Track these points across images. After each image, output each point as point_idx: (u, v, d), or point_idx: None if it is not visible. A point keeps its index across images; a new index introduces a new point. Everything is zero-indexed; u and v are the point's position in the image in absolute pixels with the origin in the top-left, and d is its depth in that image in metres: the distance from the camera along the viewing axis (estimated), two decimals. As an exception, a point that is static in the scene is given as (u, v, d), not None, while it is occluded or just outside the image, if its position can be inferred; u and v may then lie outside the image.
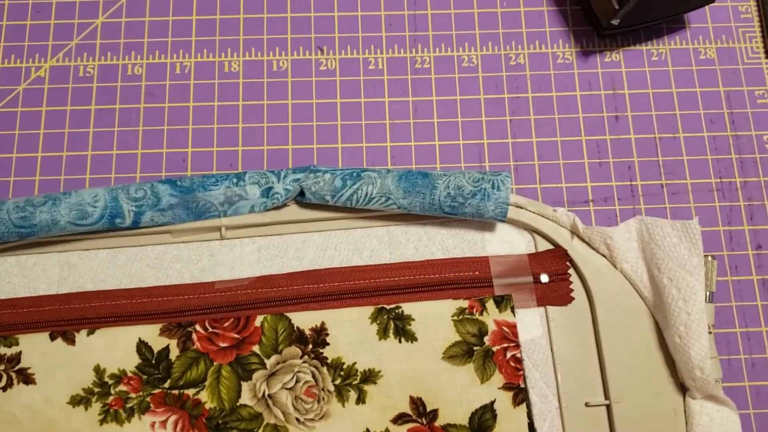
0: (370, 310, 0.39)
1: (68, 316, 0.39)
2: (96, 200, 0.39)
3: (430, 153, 0.42)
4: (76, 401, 0.38)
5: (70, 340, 0.38)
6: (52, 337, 0.38)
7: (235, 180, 0.40)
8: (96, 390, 0.38)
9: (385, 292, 0.40)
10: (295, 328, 0.39)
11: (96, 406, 0.38)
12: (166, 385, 0.38)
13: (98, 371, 0.38)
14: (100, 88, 0.43)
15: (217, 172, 0.42)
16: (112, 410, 0.38)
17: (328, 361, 0.38)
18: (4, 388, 0.38)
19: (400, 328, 0.39)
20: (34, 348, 0.38)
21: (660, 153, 0.43)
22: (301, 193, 0.40)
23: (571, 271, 0.40)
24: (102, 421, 0.37)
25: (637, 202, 0.42)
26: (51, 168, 0.42)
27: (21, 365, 0.38)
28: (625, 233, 0.39)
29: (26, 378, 0.38)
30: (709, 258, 0.39)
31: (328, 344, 0.39)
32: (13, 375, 0.38)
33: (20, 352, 0.38)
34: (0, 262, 0.40)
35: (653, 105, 0.43)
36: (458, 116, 0.43)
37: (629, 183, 0.42)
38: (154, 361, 0.38)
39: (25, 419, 0.37)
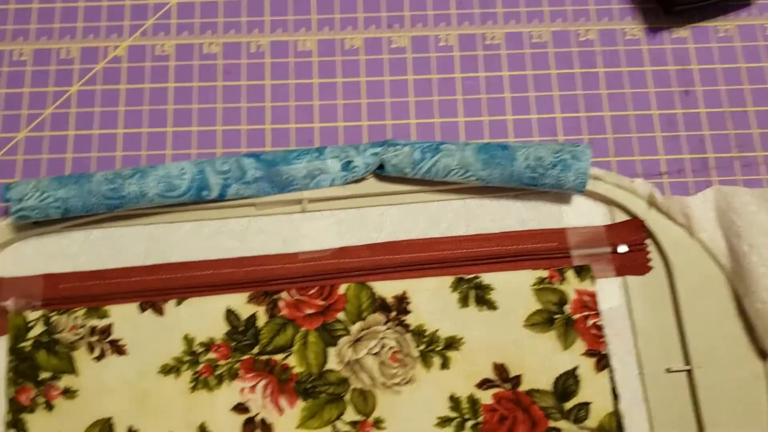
0: (450, 279, 0.40)
1: (155, 286, 0.40)
2: (183, 173, 0.39)
3: (502, 127, 0.43)
4: (166, 370, 0.38)
5: (159, 311, 0.39)
6: (142, 309, 0.39)
7: (316, 154, 0.40)
8: (186, 359, 0.39)
9: (464, 263, 0.40)
10: (378, 297, 0.40)
11: (186, 375, 0.38)
12: (255, 351, 0.39)
13: (188, 340, 0.39)
14: (178, 67, 0.44)
15: (298, 147, 0.42)
16: (202, 378, 0.38)
17: (411, 328, 0.39)
18: (98, 359, 0.39)
19: (481, 297, 0.40)
20: (125, 319, 0.39)
21: (731, 126, 0.43)
22: (380, 167, 0.41)
23: (648, 241, 0.40)
24: (193, 389, 0.38)
25: (710, 174, 0.42)
26: (132, 144, 0.43)
27: (113, 336, 0.39)
28: (702, 202, 0.40)
29: (118, 349, 0.39)
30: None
31: (410, 312, 0.39)
32: (106, 346, 0.39)
33: (111, 324, 0.39)
34: (87, 234, 0.41)
35: (722, 80, 0.44)
36: (530, 91, 0.44)
37: (701, 156, 0.43)
38: (242, 329, 0.39)
39: (119, 389, 0.38)
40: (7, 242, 0.40)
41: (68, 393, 0.38)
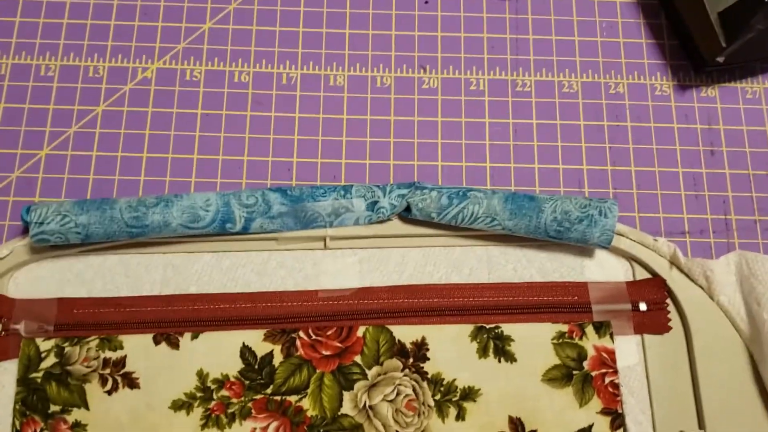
0: (469, 328, 0.40)
1: (171, 317, 0.39)
2: (208, 204, 0.39)
3: (529, 176, 0.43)
4: (177, 406, 0.38)
5: (174, 345, 0.39)
6: (156, 341, 0.39)
7: (342, 192, 0.40)
8: (198, 395, 0.38)
9: (484, 312, 0.40)
10: (397, 341, 0.39)
11: (198, 411, 0.38)
12: (269, 390, 0.38)
13: (201, 376, 0.38)
14: (207, 93, 0.44)
15: (322, 183, 0.42)
16: (213, 415, 0.38)
17: (429, 376, 0.39)
18: (110, 392, 0.38)
19: (500, 348, 0.39)
20: (139, 351, 0.38)
21: (754, 189, 0.43)
22: (407, 209, 0.40)
23: (668, 300, 0.40)
24: (203, 426, 0.38)
25: (732, 236, 0.42)
26: (156, 169, 0.42)
27: (126, 369, 0.38)
28: (724, 266, 0.40)
29: (131, 382, 0.38)
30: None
31: (428, 359, 0.39)
32: (119, 379, 0.38)
33: (125, 356, 0.38)
34: (103, 260, 0.40)
35: (747, 142, 0.44)
36: (558, 140, 0.44)
37: (724, 217, 0.43)
38: (257, 367, 0.39)
39: (129, 424, 0.37)
40: (21, 263, 0.40)
41: (77, 427, 0.37)
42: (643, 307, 0.40)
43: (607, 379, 0.39)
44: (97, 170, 0.42)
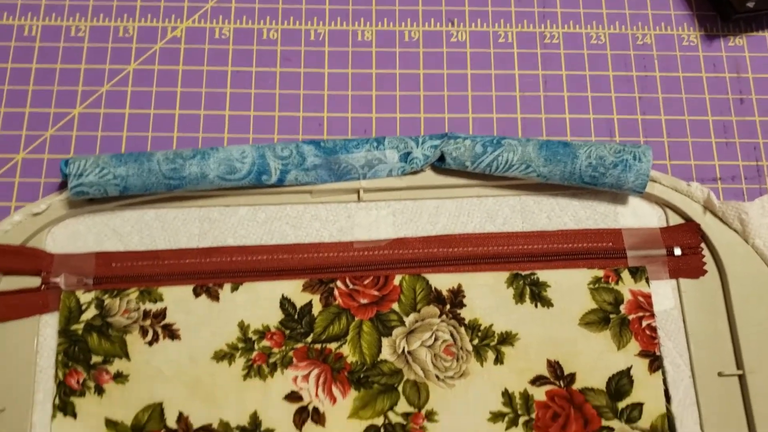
0: (505, 275, 0.40)
1: (209, 269, 0.39)
2: (244, 156, 0.39)
3: (560, 126, 0.43)
4: (219, 357, 0.38)
5: (215, 297, 0.39)
6: (196, 293, 0.39)
7: (375, 144, 0.40)
8: (240, 345, 0.38)
9: (520, 259, 0.40)
10: (433, 289, 0.39)
11: (240, 362, 0.38)
12: (309, 339, 0.38)
13: (242, 327, 0.39)
14: (236, 51, 0.44)
15: (354, 136, 0.42)
16: (255, 365, 0.38)
17: (466, 321, 0.39)
18: (150, 343, 0.38)
19: (536, 294, 0.40)
20: (179, 304, 0.39)
21: (784, 135, 0.44)
22: (440, 159, 0.41)
23: (702, 245, 0.41)
24: (246, 376, 0.38)
25: (764, 181, 0.43)
26: (189, 126, 0.42)
27: (166, 321, 0.38)
28: (759, 209, 0.40)
29: (172, 333, 0.38)
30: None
31: (465, 306, 0.39)
32: (159, 330, 0.38)
33: (165, 308, 0.39)
34: (140, 214, 0.40)
35: (776, 89, 0.44)
36: (588, 91, 0.44)
37: (755, 163, 0.43)
38: (296, 317, 0.39)
39: (171, 374, 0.38)
40: (59, 218, 0.40)
41: (119, 377, 0.38)
42: (677, 251, 0.40)
43: (644, 323, 0.39)
44: (130, 128, 0.42)
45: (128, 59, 0.43)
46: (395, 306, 0.39)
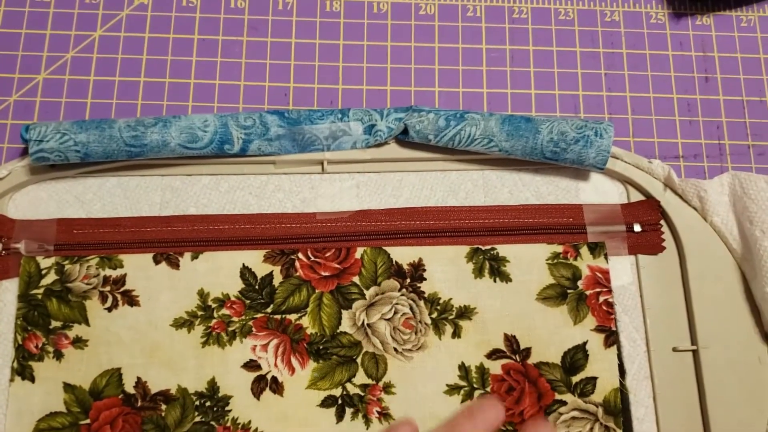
0: (465, 249, 0.40)
1: (170, 237, 0.40)
2: (206, 125, 0.39)
3: (526, 101, 0.43)
4: (179, 324, 0.38)
5: (174, 264, 0.39)
6: (156, 261, 0.39)
7: (339, 115, 0.40)
8: (199, 313, 0.39)
9: (480, 233, 0.41)
10: (394, 262, 0.40)
11: (199, 329, 0.38)
12: (269, 309, 0.39)
13: (202, 295, 0.39)
14: (203, 19, 0.44)
15: (320, 107, 0.42)
16: (214, 333, 0.38)
17: (425, 295, 0.39)
18: (110, 309, 0.38)
19: (495, 269, 0.40)
20: (138, 270, 0.39)
21: (747, 115, 0.44)
22: (404, 132, 0.41)
23: (662, 222, 0.41)
24: (204, 344, 0.38)
25: (725, 160, 0.43)
26: (153, 94, 0.42)
27: (126, 287, 0.39)
28: (718, 186, 0.41)
29: (131, 300, 0.38)
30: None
31: (425, 279, 0.40)
32: (119, 296, 0.38)
33: (125, 275, 0.39)
34: (102, 182, 0.40)
35: (741, 69, 0.45)
36: (554, 67, 0.44)
37: (717, 142, 0.43)
38: (257, 287, 0.39)
39: (130, 340, 0.38)
40: (21, 184, 0.40)
41: (78, 342, 0.38)
42: (637, 228, 0.41)
43: (602, 298, 0.40)
44: (94, 95, 0.42)
45: (94, 26, 0.43)
46: (356, 279, 0.39)
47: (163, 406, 0.37)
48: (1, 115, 0.41)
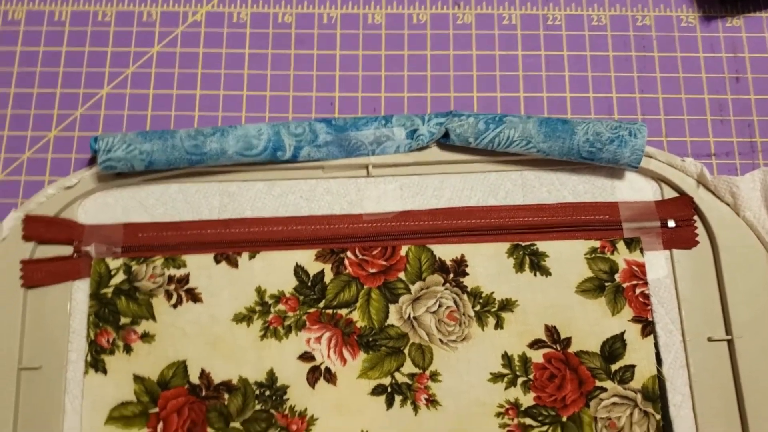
0: (506, 246, 0.42)
1: (229, 239, 0.42)
2: (260, 134, 0.42)
3: (561, 104, 0.45)
4: (239, 318, 0.41)
5: (234, 264, 0.42)
6: (217, 260, 0.42)
7: (383, 122, 0.43)
8: (257, 309, 0.41)
9: (520, 231, 0.43)
10: (437, 259, 0.42)
11: (257, 324, 0.41)
12: (321, 305, 0.41)
13: (259, 292, 0.41)
14: (253, 34, 0.46)
15: (364, 115, 0.45)
16: (271, 327, 0.41)
17: (468, 289, 0.42)
18: (175, 306, 0.41)
19: (536, 263, 0.42)
20: (201, 270, 0.42)
21: (778, 113, 0.45)
22: (445, 135, 0.43)
23: (695, 217, 0.43)
24: (262, 337, 0.41)
25: (757, 157, 0.44)
26: (209, 105, 0.45)
27: (189, 285, 0.41)
28: (749, 182, 0.42)
29: (194, 297, 0.41)
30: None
31: (467, 274, 0.42)
32: (183, 294, 0.41)
33: (188, 274, 0.42)
34: (165, 188, 0.43)
35: (771, 68, 0.46)
36: (588, 71, 0.46)
37: (749, 140, 0.45)
38: (310, 284, 0.41)
39: (194, 334, 0.41)
40: (89, 192, 0.43)
41: (146, 337, 0.41)
42: (671, 224, 0.42)
43: (638, 290, 0.41)
44: (154, 107, 0.45)
45: (152, 42, 0.46)
46: (402, 275, 0.42)
47: (226, 396, 0.40)
48: (68, 128, 0.44)
